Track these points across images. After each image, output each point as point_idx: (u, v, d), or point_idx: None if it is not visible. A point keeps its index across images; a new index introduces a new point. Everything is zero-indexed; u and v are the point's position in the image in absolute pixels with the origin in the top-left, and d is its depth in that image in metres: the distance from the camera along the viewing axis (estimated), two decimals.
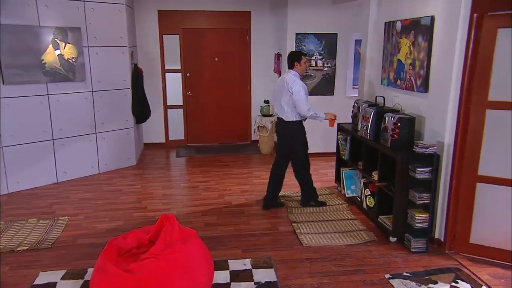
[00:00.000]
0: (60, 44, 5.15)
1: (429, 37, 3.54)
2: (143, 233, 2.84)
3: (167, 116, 7.40)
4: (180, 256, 2.56)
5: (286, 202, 4.72)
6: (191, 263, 2.60)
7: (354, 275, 3.17)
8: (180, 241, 2.66)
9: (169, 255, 2.53)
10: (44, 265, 3.28)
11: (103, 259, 2.58)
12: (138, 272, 2.44)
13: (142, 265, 2.47)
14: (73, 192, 5.01)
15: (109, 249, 2.70)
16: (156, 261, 2.48)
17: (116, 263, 2.56)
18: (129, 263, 2.57)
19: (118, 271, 2.43)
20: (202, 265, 2.69)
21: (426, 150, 3.35)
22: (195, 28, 7.13)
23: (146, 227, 2.99)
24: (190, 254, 2.63)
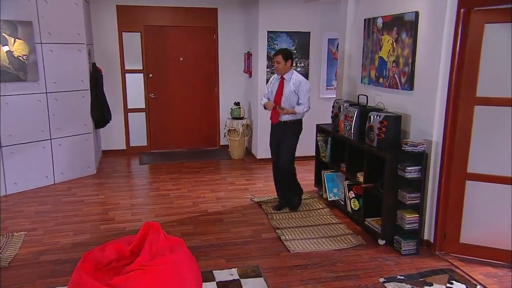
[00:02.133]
0: (9, 39, 4.89)
1: (414, 33, 3.69)
2: (124, 243, 2.73)
3: (127, 120, 7.20)
4: (169, 267, 2.47)
5: (265, 208, 4.70)
6: (181, 274, 2.52)
7: (347, 281, 3.21)
8: (167, 251, 2.58)
9: (157, 266, 2.44)
10: (3, 286, 3.05)
11: (80, 273, 2.44)
12: (123, 286, 2.33)
13: (128, 278, 2.37)
14: (26, 205, 4.73)
15: (85, 263, 2.56)
16: (143, 273, 2.38)
17: (95, 278, 2.43)
18: (111, 277, 2.45)
19: (101, 286, 2.30)
20: (192, 275, 2.61)
21: (416, 149, 3.46)
22: (158, 26, 7.02)
23: (126, 237, 2.87)
24: (179, 264, 2.55)
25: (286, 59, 4.30)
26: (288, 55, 4.33)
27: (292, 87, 4.30)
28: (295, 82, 4.30)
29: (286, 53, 4.32)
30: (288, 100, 4.32)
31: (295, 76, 4.35)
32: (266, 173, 6.16)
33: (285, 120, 4.38)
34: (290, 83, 4.32)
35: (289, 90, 4.30)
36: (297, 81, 4.31)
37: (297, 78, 4.34)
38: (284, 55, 4.29)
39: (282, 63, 4.31)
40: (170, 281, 2.45)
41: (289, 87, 4.31)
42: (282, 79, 4.37)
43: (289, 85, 4.32)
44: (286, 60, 4.31)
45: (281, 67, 4.32)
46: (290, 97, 4.31)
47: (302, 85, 4.30)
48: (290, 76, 4.35)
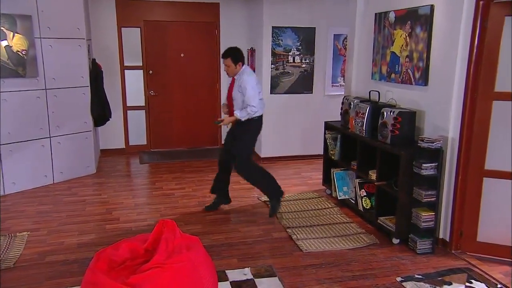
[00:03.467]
0: (8, 33, 4.86)
1: (429, 27, 3.71)
2: (137, 242, 2.71)
3: (127, 118, 7.18)
4: (187, 265, 2.47)
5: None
6: (198, 272, 2.51)
7: (364, 280, 3.22)
8: (184, 249, 2.57)
9: (175, 264, 2.43)
10: (9, 287, 3.03)
11: (95, 273, 2.43)
12: (141, 284, 2.32)
13: (146, 276, 2.36)
14: (27, 205, 4.70)
15: (99, 262, 2.55)
16: (161, 271, 2.38)
17: (111, 277, 2.41)
18: (127, 275, 2.44)
19: (118, 285, 2.29)
20: (208, 274, 2.61)
21: (432, 145, 3.48)
22: (158, 21, 7.01)
23: (139, 235, 2.86)
24: (197, 262, 2.55)
25: (235, 62, 4.23)
26: (238, 58, 4.23)
27: (237, 88, 4.24)
28: (240, 82, 4.20)
29: (235, 56, 4.22)
30: (236, 101, 4.27)
31: (241, 75, 4.23)
32: (272, 172, 6.07)
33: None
34: (237, 84, 4.25)
35: (236, 91, 4.25)
36: (240, 80, 4.20)
37: (242, 77, 4.21)
38: (233, 58, 4.21)
39: (232, 67, 4.24)
40: (188, 279, 2.45)
41: (236, 88, 4.26)
42: (233, 80, 4.32)
43: (236, 86, 4.26)
44: (236, 64, 4.23)
45: (231, 70, 4.25)
46: (237, 98, 4.25)
47: (244, 83, 4.16)
48: (239, 76, 4.26)
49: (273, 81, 6.57)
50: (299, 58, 6.65)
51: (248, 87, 4.15)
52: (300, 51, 6.63)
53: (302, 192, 5.30)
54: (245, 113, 4.20)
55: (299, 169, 6.32)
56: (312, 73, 6.74)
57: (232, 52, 4.24)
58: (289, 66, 6.63)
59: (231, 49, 4.27)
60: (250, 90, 4.15)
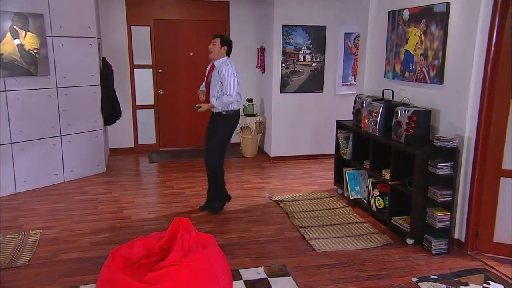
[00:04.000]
0: (20, 32, 4.89)
1: (445, 25, 3.68)
2: (152, 240, 2.72)
3: (136, 117, 7.20)
4: (203, 263, 2.47)
5: (285, 207, 4.70)
6: (214, 270, 2.52)
7: (379, 280, 3.20)
8: (200, 247, 2.57)
9: (192, 262, 2.44)
10: (24, 285, 3.07)
11: (112, 270, 2.44)
12: (157, 282, 2.32)
13: (162, 274, 2.37)
14: (39, 203, 4.73)
15: (114, 260, 2.56)
16: (178, 269, 2.38)
17: (127, 275, 2.42)
18: (143, 273, 2.44)
19: (135, 283, 2.30)
20: (224, 272, 2.61)
21: (448, 144, 3.45)
22: (167, 19, 7.02)
23: (154, 233, 2.87)
24: (213, 260, 2.55)
25: (222, 44, 4.22)
26: (227, 41, 4.26)
27: (216, 75, 4.21)
28: (220, 69, 4.18)
29: (224, 40, 4.25)
30: (214, 89, 4.24)
31: (222, 64, 4.22)
32: (282, 171, 6.17)
33: (217, 111, 4.29)
34: (215, 71, 4.24)
35: (214, 78, 4.23)
36: (221, 68, 4.17)
37: (223, 66, 4.19)
38: (222, 39, 4.24)
39: (217, 46, 4.21)
40: (204, 277, 2.45)
41: (215, 75, 4.24)
42: (213, 66, 4.30)
43: (215, 73, 4.24)
44: (222, 45, 4.22)
45: (216, 49, 4.22)
46: (215, 86, 4.22)
47: (224, 71, 4.13)
48: (219, 64, 4.24)
49: (283, 80, 6.57)
50: (309, 56, 6.64)
51: (228, 76, 4.13)
52: (310, 50, 6.61)
53: (313, 191, 5.29)
54: (221, 102, 4.18)
55: (309, 169, 6.31)
56: (323, 72, 6.72)
57: (223, 36, 4.31)
58: (300, 65, 6.61)
59: (222, 35, 4.35)
60: (230, 79, 4.14)
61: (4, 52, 4.75)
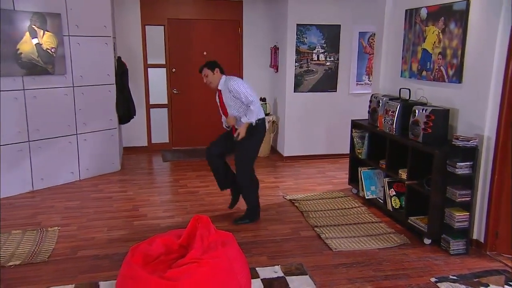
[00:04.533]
0: (38, 31, 4.95)
1: (464, 23, 3.65)
2: (171, 237, 2.74)
3: (149, 116, 7.25)
4: (223, 260, 2.49)
5: (300, 206, 4.69)
6: (233, 268, 2.53)
7: (397, 280, 3.19)
8: (219, 244, 2.58)
9: (212, 259, 2.45)
10: (45, 280, 3.11)
11: (132, 267, 2.46)
12: (178, 279, 2.34)
13: (182, 271, 2.38)
14: (55, 201, 4.79)
15: (134, 257, 2.58)
16: (198, 266, 2.40)
17: (147, 271, 2.44)
18: (164, 270, 2.46)
19: (156, 279, 2.32)
20: (242, 269, 2.62)
21: (468, 144, 3.42)
22: (181, 19, 7.06)
23: (172, 231, 2.89)
24: (232, 258, 2.56)
25: (212, 69, 4.13)
26: (213, 64, 4.15)
27: (228, 95, 4.11)
28: (229, 88, 4.08)
29: (209, 65, 4.14)
30: (234, 108, 4.13)
31: (225, 82, 4.14)
32: (295, 171, 6.16)
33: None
34: (225, 92, 4.14)
35: (228, 99, 4.13)
36: (228, 86, 4.08)
37: (228, 83, 4.10)
38: (208, 66, 4.13)
39: (210, 75, 4.13)
40: (224, 274, 2.46)
41: (226, 96, 4.14)
42: (219, 92, 4.21)
43: (226, 94, 4.14)
44: (213, 70, 4.13)
45: (211, 79, 4.14)
46: (234, 105, 4.12)
47: (233, 87, 4.05)
48: (223, 85, 4.16)
49: (296, 79, 6.56)
50: (323, 56, 6.62)
51: (238, 87, 4.05)
52: (324, 49, 6.60)
53: (328, 191, 5.28)
54: (251, 113, 4.05)
55: (323, 168, 6.30)
56: (337, 71, 6.70)
57: (205, 64, 4.17)
58: (313, 64, 6.60)
59: (205, 63, 4.20)
60: (243, 89, 4.05)
61: (23, 51, 4.81)
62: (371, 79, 6.70)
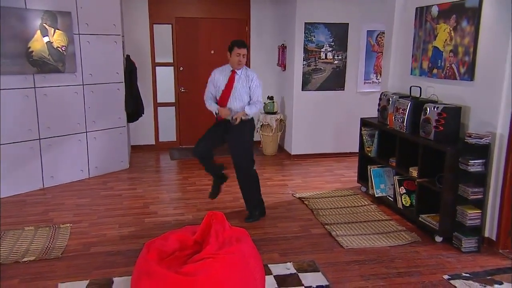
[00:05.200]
0: (49, 30, 4.97)
1: (476, 20, 3.64)
2: (186, 233, 2.75)
3: (157, 115, 7.26)
4: (238, 256, 2.49)
5: (309, 204, 4.69)
6: (248, 263, 2.54)
7: (410, 277, 3.19)
8: (234, 240, 2.59)
9: (227, 255, 2.46)
10: (60, 276, 3.12)
11: (148, 262, 2.47)
12: (194, 274, 2.35)
13: (198, 266, 2.39)
14: (66, 198, 4.81)
15: (149, 252, 2.59)
16: (213, 261, 2.41)
17: (163, 267, 2.45)
18: (179, 265, 2.47)
19: (172, 274, 2.33)
20: (257, 265, 2.63)
21: (480, 141, 3.41)
22: (189, 17, 7.07)
23: (187, 227, 2.90)
24: (247, 253, 2.57)
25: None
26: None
27: (245, 83, 3.92)
28: (248, 77, 3.91)
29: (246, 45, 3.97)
30: (238, 97, 3.95)
31: (246, 71, 3.97)
32: (303, 169, 6.17)
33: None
34: (242, 78, 3.93)
35: (241, 85, 3.93)
36: (250, 76, 3.92)
37: (250, 72, 3.96)
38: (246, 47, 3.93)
39: (245, 58, 3.91)
40: (239, 270, 2.47)
41: (241, 82, 3.93)
42: (233, 73, 3.94)
43: (241, 81, 3.93)
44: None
45: (244, 61, 3.91)
46: (241, 94, 3.94)
47: (255, 81, 3.92)
48: (244, 71, 3.96)
49: (304, 78, 6.56)
50: (331, 54, 6.62)
51: (259, 83, 3.97)
52: (332, 47, 6.59)
53: (336, 189, 5.27)
54: (255, 109, 3.94)
55: (331, 167, 6.29)
56: (345, 69, 6.70)
57: (244, 41, 4.00)
58: (321, 62, 6.60)
59: (242, 40, 4.03)
60: (260, 87, 4.00)
61: (34, 49, 4.84)
62: (379, 77, 6.70)
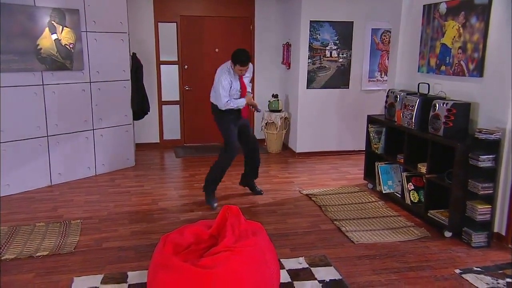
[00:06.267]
0: (57, 27, 4.98)
1: (486, 17, 3.66)
2: (201, 227, 2.76)
3: (161, 113, 7.27)
4: (255, 249, 2.51)
5: (317, 200, 4.71)
6: (265, 257, 2.55)
7: (421, 271, 3.20)
8: (250, 234, 2.60)
9: (244, 247, 2.47)
10: (74, 270, 3.13)
11: (165, 255, 2.48)
12: (213, 266, 2.36)
13: (216, 259, 2.41)
14: (74, 195, 4.82)
15: (165, 246, 2.60)
16: (231, 254, 2.42)
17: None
18: (195, 259, 2.48)
19: (190, 267, 2.34)
20: (273, 258, 2.64)
21: (491, 136, 3.43)
22: (194, 16, 7.08)
23: (201, 221, 2.92)
24: (263, 247, 2.58)
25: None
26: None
27: (247, 78, 4.66)
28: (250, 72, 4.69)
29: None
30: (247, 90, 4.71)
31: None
32: (308, 167, 6.18)
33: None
34: (244, 75, 4.62)
35: (247, 81, 4.68)
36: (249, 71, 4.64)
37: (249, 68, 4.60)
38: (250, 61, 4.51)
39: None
40: (257, 263, 2.48)
41: (246, 79, 4.66)
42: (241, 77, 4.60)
43: (244, 77, 4.63)
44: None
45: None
46: (248, 87, 4.72)
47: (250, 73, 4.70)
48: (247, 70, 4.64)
49: (309, 76, 6.58)
50: (336, 52, 6.64)
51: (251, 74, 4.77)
52: (337, 46, 6.61)
53: (343, 186, 5.29)
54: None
55: (336, 164, 6.31)
56: (349, 67, 6.72)
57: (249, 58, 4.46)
58: (326, 60, 6.62)
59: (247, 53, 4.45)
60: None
61: (42, 46, 4.84)
62: (383, 76, 6.72)
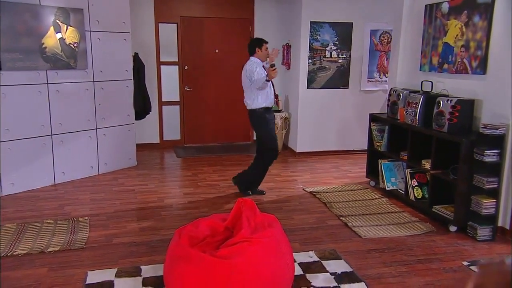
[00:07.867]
0: (62, 26, 4.99)
1: (489, 15, 3.74)
2: (216, 220, 2.79)
3: (162, 113, 7.27)
4: (272, 240, 2.54)
5: (322, 197, 4.75)
6: (281, 248, 2.58)
7: (430, 264, 3.25)
8: (266, 225, 2.63)
9: (261, 238, 2.50)
10: (87, 264, 3.14)
11: (182, 247, 2.50)
12: (231, 257, 2.38)
13: (233, 250, 2.43)
14: (79, 193, 4.82)
15: (181, 238, 2.62)
16: (249, 245, 2.44)
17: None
18: (211, 250, 2.51)
19: (209, 257, 2.36)
20: (288, 250, 2.67)
21: (496, 132, 3.50)
22: (194, 17, 7.11)
23: (216, 214, 2.94)
24: (279, 238, 2.61)
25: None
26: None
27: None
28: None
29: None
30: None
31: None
32: (309, 166, 6.23)
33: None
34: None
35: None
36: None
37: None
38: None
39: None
40: (273, 253, 2.51)
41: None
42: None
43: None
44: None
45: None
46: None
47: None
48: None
49: (309, 76, 6.63)
50: (336, 53, 6.70)
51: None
52: (337, 46, 6.68)
53: (346, 184, 5.34)
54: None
55: (337, 163, 6.36)
56: (349, 68, 6.78)
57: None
58: (326, 61, 6.68)
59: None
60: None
61: (47, 45, 4.84)
62: (382, 76, 6.80)
